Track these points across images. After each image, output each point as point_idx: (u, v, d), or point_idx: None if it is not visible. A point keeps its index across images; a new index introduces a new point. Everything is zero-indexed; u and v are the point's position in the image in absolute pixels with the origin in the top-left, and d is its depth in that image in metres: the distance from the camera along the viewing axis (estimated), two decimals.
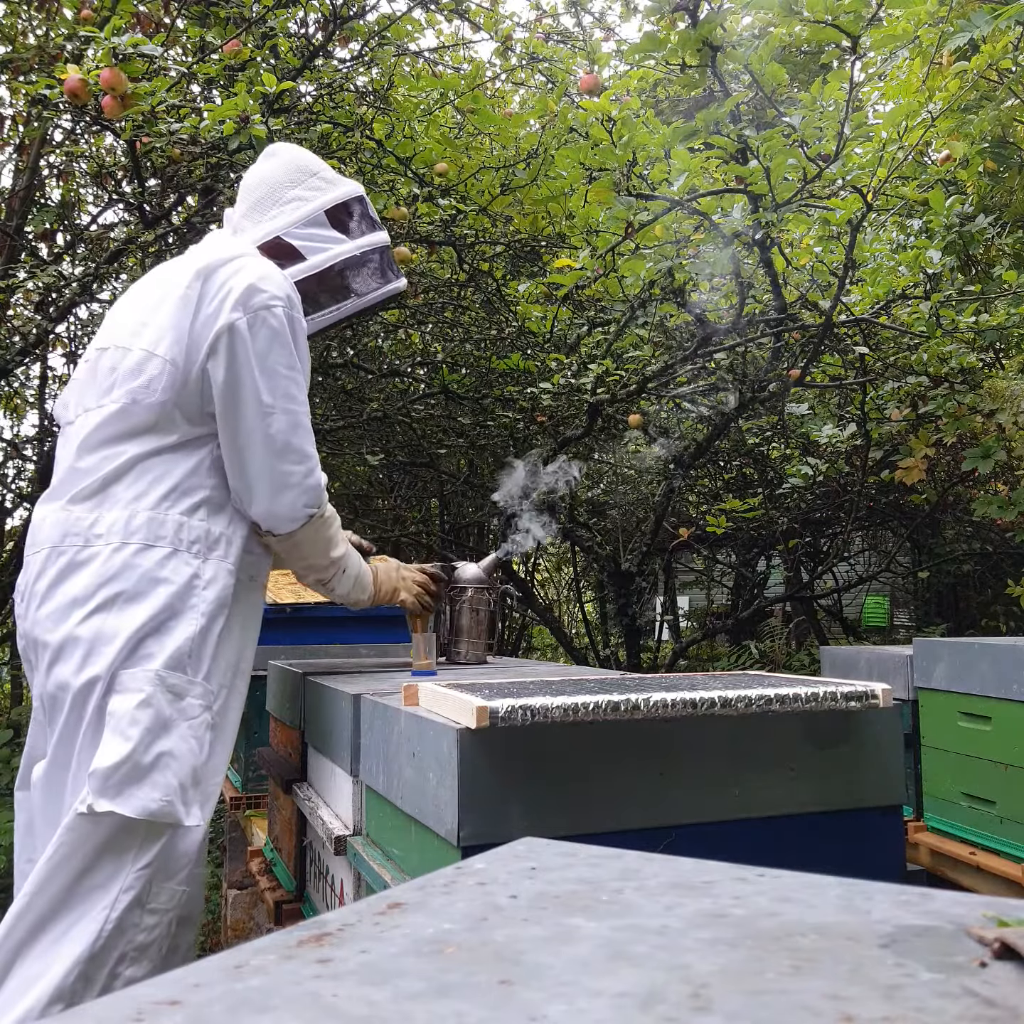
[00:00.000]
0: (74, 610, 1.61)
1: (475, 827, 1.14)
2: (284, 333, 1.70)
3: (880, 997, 0.40)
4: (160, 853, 1.55)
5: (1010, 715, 2.18)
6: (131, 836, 1.53)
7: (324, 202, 1.86)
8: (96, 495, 1.67)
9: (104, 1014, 0.40)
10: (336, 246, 1.86)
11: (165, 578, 1.64)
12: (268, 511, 1.70)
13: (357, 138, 3.86)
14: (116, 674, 1.58)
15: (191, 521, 1.68)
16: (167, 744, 1.58)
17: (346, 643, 3.16)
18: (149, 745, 1.55)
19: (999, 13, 2.93)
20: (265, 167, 1.91)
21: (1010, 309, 3.94)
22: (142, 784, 1.53)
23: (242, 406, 1.67)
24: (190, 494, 1.70)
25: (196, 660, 1.64)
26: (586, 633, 7.87)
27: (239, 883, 2.99)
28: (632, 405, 4.38)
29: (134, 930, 1.52)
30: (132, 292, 1.88)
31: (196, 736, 1.62)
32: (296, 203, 1.85)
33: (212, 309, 1.68)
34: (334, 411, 4.94)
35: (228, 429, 1.69)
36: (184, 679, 1.62)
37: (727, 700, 1.23)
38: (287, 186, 1.86)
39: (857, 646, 5.57)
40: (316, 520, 1.75)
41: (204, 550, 1.69)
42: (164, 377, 1.67)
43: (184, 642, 1.63)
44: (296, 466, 1.70)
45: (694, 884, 0.56)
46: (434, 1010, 0.39)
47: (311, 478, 1.72)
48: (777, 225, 3.31)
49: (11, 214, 5.09)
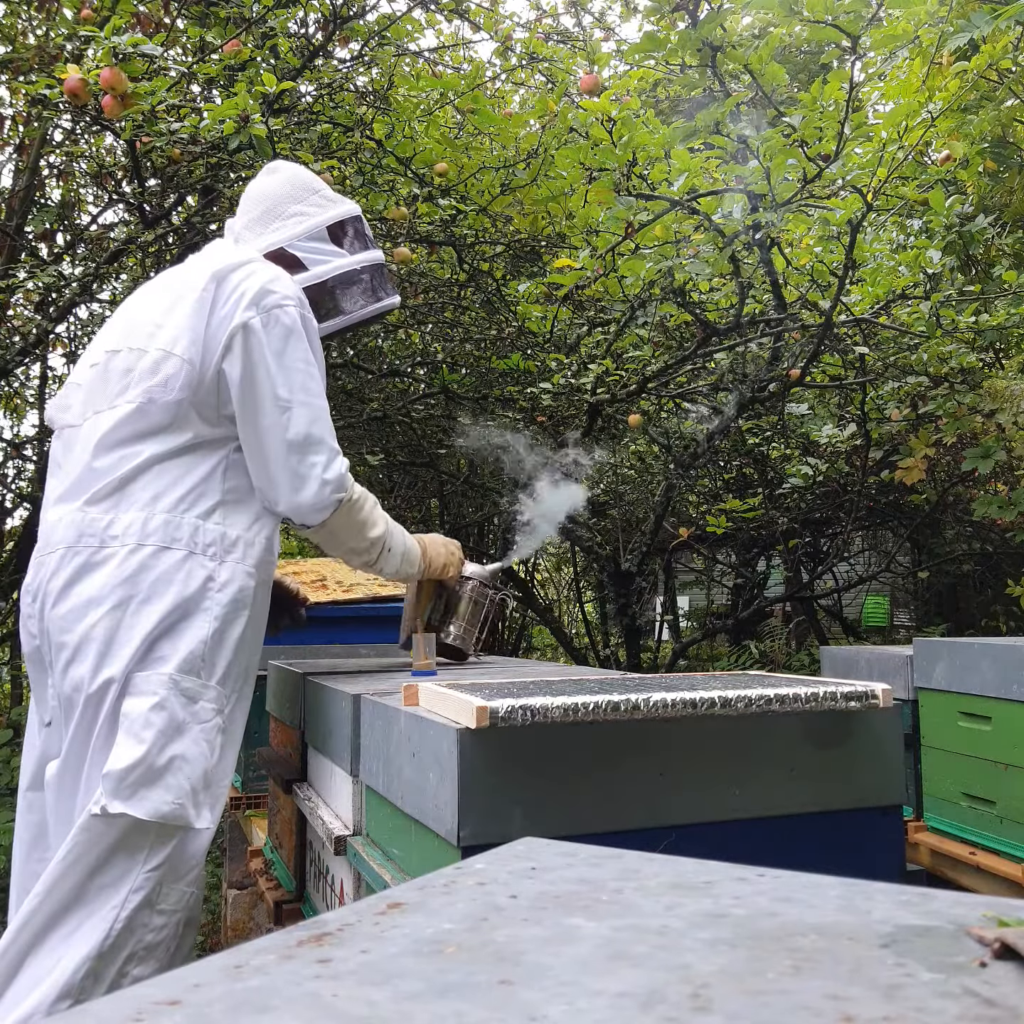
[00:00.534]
0: (90, 610, 1.62)
1: (475, 827, 1.14)
2: (298, 330, 1.74)
3: (880, 997, 0.40)
4: (171, 855, 1.57)
5: (1010, 715, 2.18)
6: (143, 837, 1.55)
7: (326, 219, 1.93)
8: (112, 496, 1.68)
9: (104, 1014, 0.40)
10: (337, 259, 1.92)
11: (179, 580, 1.65)
12: (295, 504, 1.72)
13: (357, 138, 3.86)
14: (130, 676, 1.60)
15: (207, 524, 1.70)
16: (180, 747, 1.59)
17: (346, 643, 3.16)
18: (163, 748, 1.57)
19: (999, 13, 2.93)
20: (267, 182, 1.97)
21: (1010, 309, 3.95)
22: (155, 786, 1.55)
23: (260, 402, 1.70)
24: (206, 497, 1.71)
25: (210, 664, 1.66)
26: (586, 633, 7.87)
27: (239, 883, 2.99)
28: (632, 405, 4.38)
29: (143, 930, 1.55)
30: (138, 298, 1.90)
31: (208, 740, 1.64)
32: (298, 217, 1.92)
33: (227, 310, 1.72)
34: (334, 411, 4.93)
35: (247, 426, 1.72)
36: (198, 683, 1.64)
37: (727, 700, 1.23)
38: (289, 201, 1.93)
39: (857, 646, 5.57)
40: (345, 505, 1.75)
41: (221, 553, 1.70)
42: (181, 376, 1.69)
43: (197, 645, 1.64)
44: (317, 456, 1.71)
45: (694, 884, 0.56)
46: (434, 1010, 0.39)
47: (333, 466, 1.73)
48: (777, 225, 3.31)
49: (11, 214, 5.09)
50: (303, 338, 1.74)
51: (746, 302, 3.83)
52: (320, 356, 1.80)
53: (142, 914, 1.54)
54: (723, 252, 3.37)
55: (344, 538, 1.82)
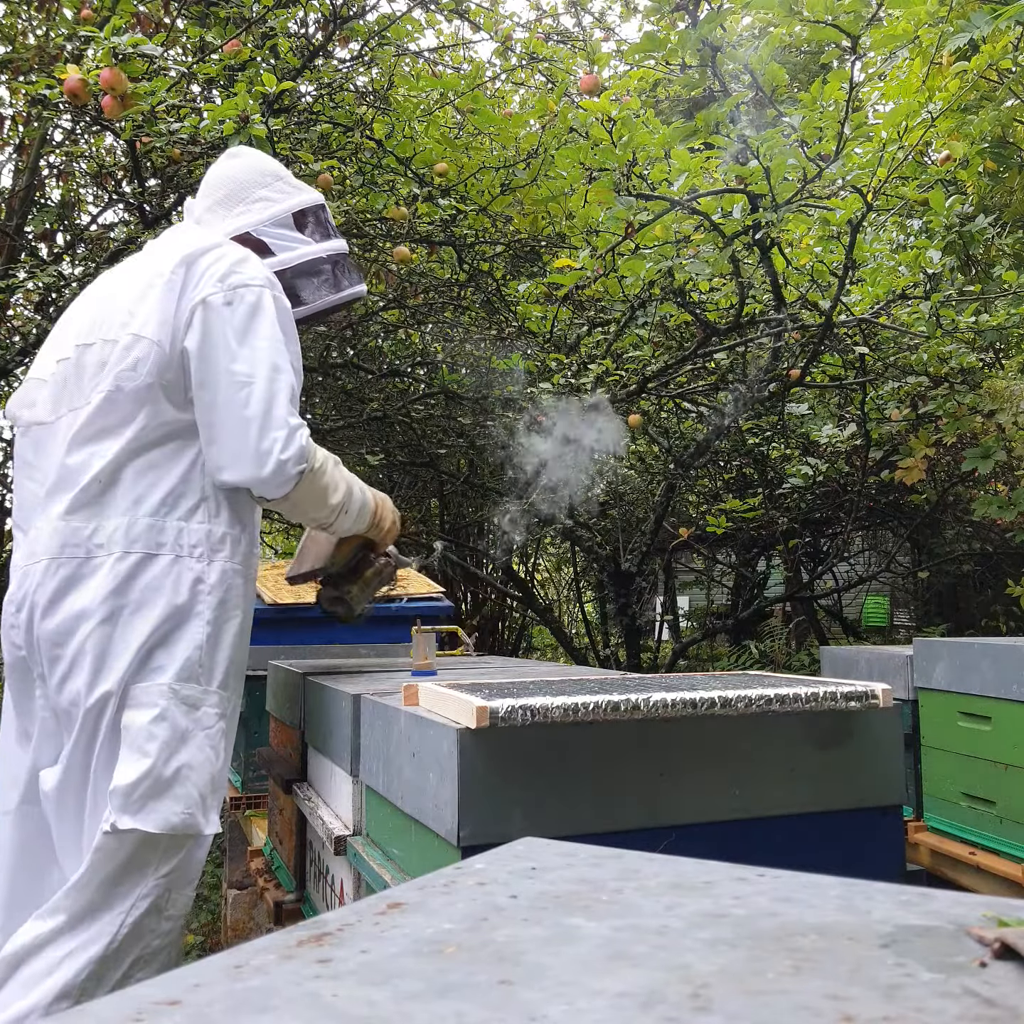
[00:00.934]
0: (81, 623, 1.61)
1: (475, 827, 1.14)
2: (265, 309, 1.70)
3: (880, 997, 0.40)
4: (181, 862, 1.59)
5: (1010, 715, 2.18)
6: (153, 849, 1.56)
7: (291, 205, 1.91)
8: (93, 504, 1.65)
9: (104, 1014, 0.40)
10: (303, 247, 1.90)
11: (168, 587, 1.64)
12: (258, 480, 1.65)
13: (357, 138, 3.86)
14: (128, 689, 1.59)
15: (190, 525, 1.68)
16: (186, 756, 1.59)
17: (346, 643, 3.16)
18: (168, 759, 1.57)
19: (999, 13, 2.93)
20: (230, 166, 1.95)
21: (1010, 309, 3.94)
22: (164, 798, 1.55)
23: (217, 377, 1.65)
24: (187, 496, 1.69)
25: (208, 668, 1.65)
26: (586, 633, 7.87)
27: (239, 883, 2.99)
28: (632, 405, 4.38)
29: (151, 935, 1.55)
30: (103, 288, 1.86)
31: (212, 745, 1.64)
32: (264, 203, 1.89)
33: (196, 292, 1.69)
34: (334, 411, 4.94)
35: (204, 402, 1.67)
36: (199, 689, 1.63)
37: (727, 700, 1.23)
38: (254, 186, 1.91)
39: (857, 646, 5.57)
40: (307, 476, 1.69)
41: (208, 552, 1.68)
42: (150, 358, 1.67)
43: (193, 651, 1.63)
44: (278, 431, 1.64)
45: (694, 884, 0.56)
46: (434, 1010, 0.39)
47: (294, 440, 1.65)
48: (777, 225, 3.31)
49: (11, 214, 5.08)
50: (270, 316, 1.70)
51: (746, 302, 3.83)
52: (293, 337, 1.77)
53: (150, 919, 1.55)
54: (723, 252, 3.37)
55: (306, 507, 1.77)
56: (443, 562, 2.30)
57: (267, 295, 1.72)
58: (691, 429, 5.37)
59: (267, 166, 1.96)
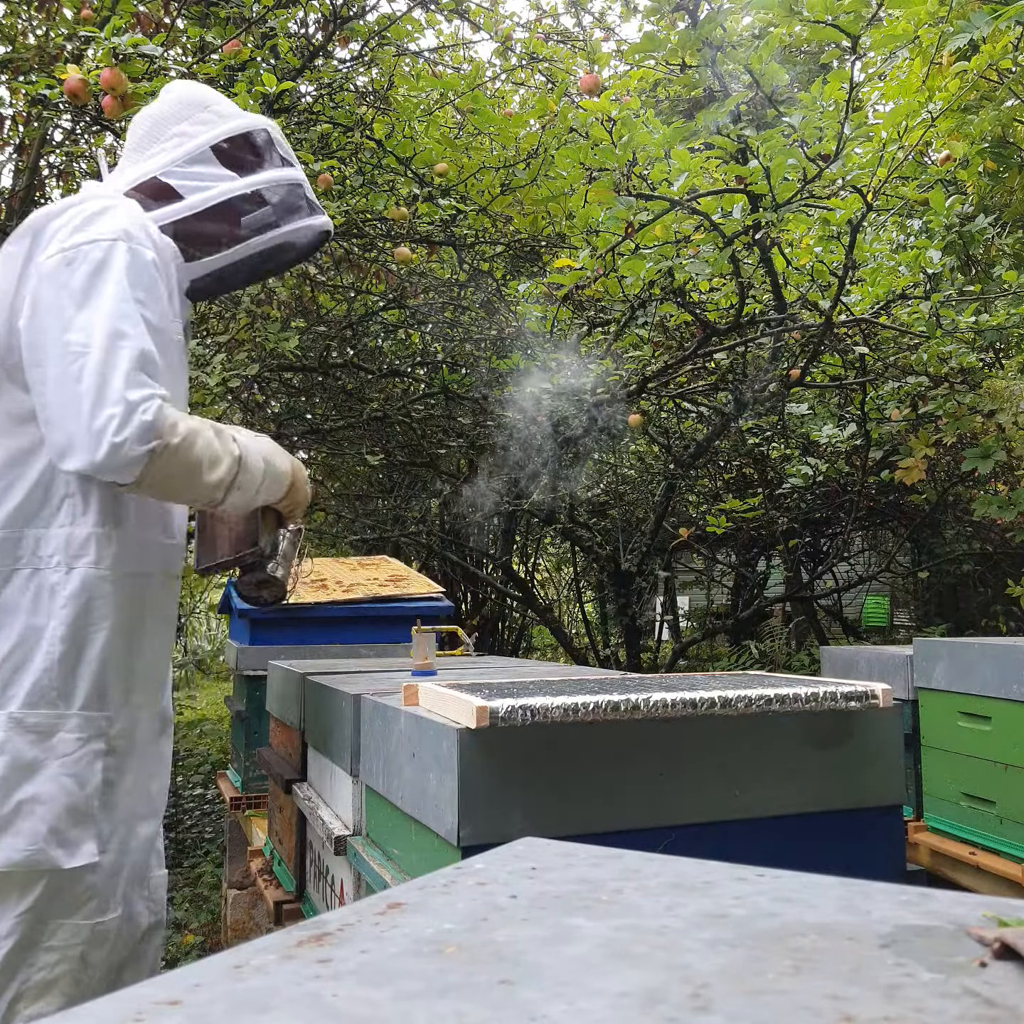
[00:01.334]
0: None
1: (475, 827, 1.14)
2: (112, 265, 1.47)
3: (880, 997, 0.40)
4: (43, 896, 1.45)
5: (1010, 715, 2.18)
6: (6, 884, 1.45)
7: (210, 137, 1.67)
8: None
9: (104, 1014, 0.40)
10: (221, 184, 1.66)
11: (25, 606, 1.49)
12: (96, 465, 1.40)
13: (357, 138, 3.86)
14: None
15: (49, 531, 1.51)
16: (31, 789, 1.46)
17: (346, 643, 3.16)
18: (7, 795, 1.45)
19: (999, 13, 2.93)
20: (155, 103, 1.74)
21: (1010, 309, 3.94)
22: (3, 835, 1.44)
23: (48, 349, 1.45)
24: (48, 500, 1.52)
25: (65, 690, 1.49)
26: (586, 633, 7.87)
27: (239, 883, 2.99)
28: (632, 405, 4.38)
29: (29, 969, 1.44)
30: None
31: (73, 773, 1.48)
32: (178, 139, 1.67)
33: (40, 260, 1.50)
34: (334, 411, 4.94)
35: (36, 378, 1.47)
36: (52, 715, 1.48)
37: (727, 700, 1.23)
38: (172, 121, 1.69)
39: (857, 646, 5.57)
40: (163, 454, 1.42)
41: (67, 560, 1.50)
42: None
43: (41, 675, 1.48)
44: (112, 408, 1.39)
45: (694, 884, 0.56)
46: (434, 1010, 0.39)
47: (132, 419, 1.39)
48: (777, 225, 3.31)
49: (11, 214, 5.08)
50: (117, 273, 1.47)
51: (746, 302, 3.83)
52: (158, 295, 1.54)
53: (22, 955, 1.44)
54: (723, 252, 3.37)
55: (173, 489, 1.51)
56: (443, 562, 2.29)
57: (118, 248, 1.48)
58: (691, 429, 5.37)
59: (193, 97, 1.71)
